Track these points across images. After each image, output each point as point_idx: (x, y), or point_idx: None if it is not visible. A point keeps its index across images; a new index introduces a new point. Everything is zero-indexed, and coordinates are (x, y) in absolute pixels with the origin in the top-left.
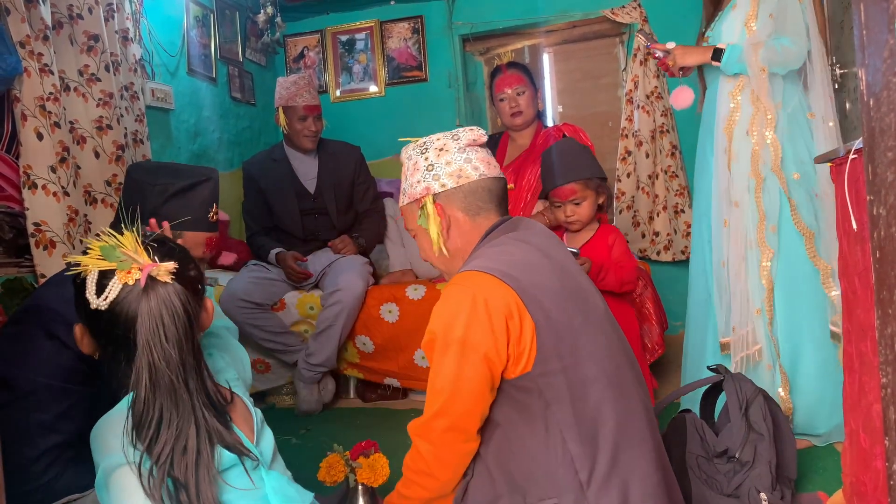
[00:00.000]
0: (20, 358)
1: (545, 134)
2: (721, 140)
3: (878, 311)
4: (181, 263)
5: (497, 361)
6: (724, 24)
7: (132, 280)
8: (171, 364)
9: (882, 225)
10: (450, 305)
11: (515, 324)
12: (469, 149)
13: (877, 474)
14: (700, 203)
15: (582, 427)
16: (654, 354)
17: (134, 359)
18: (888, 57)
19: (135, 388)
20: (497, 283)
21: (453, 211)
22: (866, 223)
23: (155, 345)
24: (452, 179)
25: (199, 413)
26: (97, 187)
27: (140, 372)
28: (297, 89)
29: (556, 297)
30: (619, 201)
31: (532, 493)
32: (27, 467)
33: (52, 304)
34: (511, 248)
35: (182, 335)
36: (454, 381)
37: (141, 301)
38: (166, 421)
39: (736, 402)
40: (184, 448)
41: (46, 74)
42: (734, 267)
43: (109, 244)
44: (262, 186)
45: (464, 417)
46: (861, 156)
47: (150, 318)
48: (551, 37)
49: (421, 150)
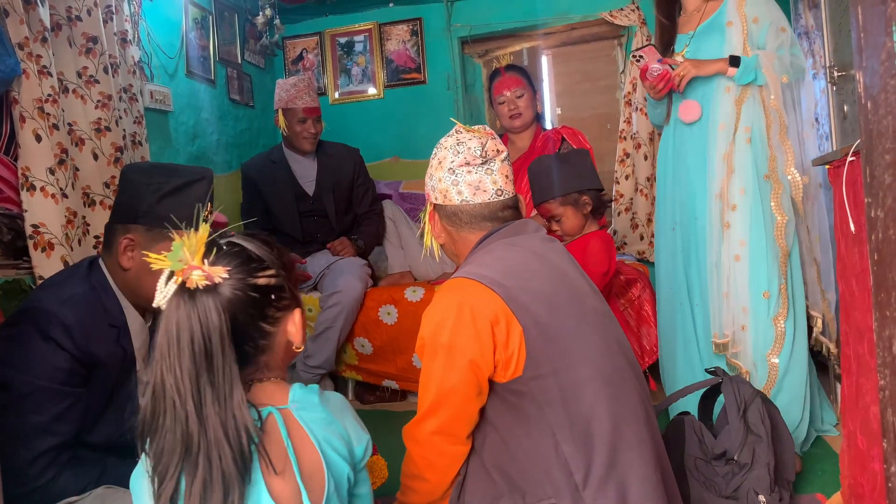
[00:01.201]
0: (16, 360)
1: (544, 136)
2: (721, 146)
3: (876, 313)
4: (247, 269)
5: (483, 366)
6: (709, 41)
7: (178, 281)
8: (181, 389)
9: (880, 227)
10: (437, 312)
11: (502, 330)
12: (460, 169)
13: (874, 476)
14: (667, 212)
15: (576, 429)
16: (652, 356)
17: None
18: (886, 59)
19: (143, 402)
20: (484, 290)
21: (442, 221)
22: (864, 225)
23: (165, 359)
24: (440, 196)
25: (213, 453)
26: (96, 189)
27: (146, 385)
28: (296, 91)
29: (547, 301)
30: (618, 203)
31: (531, 494)
32: (24, 469)
33: (47, 305)
34: (502, 254)
35: (200, 358)
36: (441, 384)
37: (170, 308)
38: (169, 448)
39: (734, 405)
40: (190, 487)
41: (45, 76)
42: (730, 268)
43: (179, 242)
44: (260, 188)
45: (451, 421)
46: (859, 158)
47: (166, 329)
48: (550, 39)
49: (435, 150)
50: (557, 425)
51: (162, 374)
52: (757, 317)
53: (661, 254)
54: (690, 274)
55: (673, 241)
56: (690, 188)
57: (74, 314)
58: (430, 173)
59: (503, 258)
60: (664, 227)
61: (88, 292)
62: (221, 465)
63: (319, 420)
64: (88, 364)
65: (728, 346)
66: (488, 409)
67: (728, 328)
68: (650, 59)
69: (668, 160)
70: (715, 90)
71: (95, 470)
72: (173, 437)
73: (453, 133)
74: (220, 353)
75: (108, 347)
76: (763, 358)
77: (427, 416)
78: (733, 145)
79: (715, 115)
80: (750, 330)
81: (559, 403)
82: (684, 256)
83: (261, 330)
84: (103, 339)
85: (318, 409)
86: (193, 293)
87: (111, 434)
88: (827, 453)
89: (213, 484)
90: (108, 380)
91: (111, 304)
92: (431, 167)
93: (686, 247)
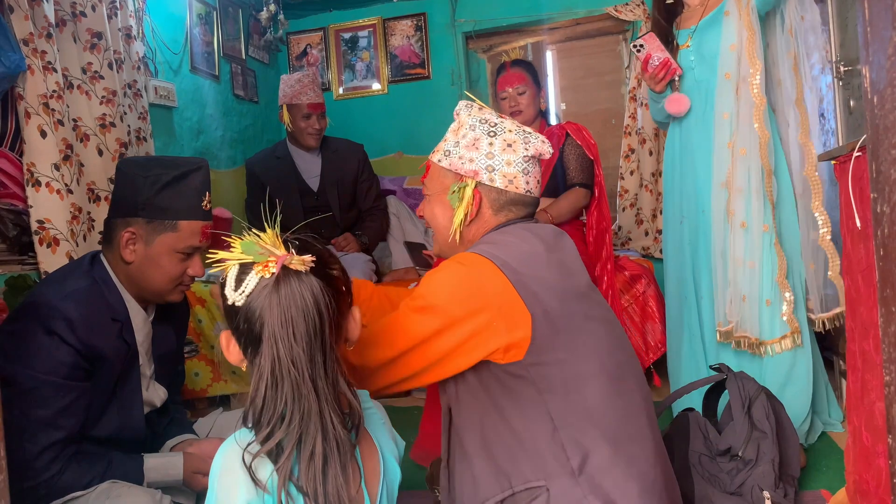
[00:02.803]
0: (19, 355)
1: (548, 132)
2: (724, 134)
3: (882, 308)
4: (323, 260)
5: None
6: (710, 34)
7: (269, 273)
8: (298, 361)
9: (886, 222)
10: (444, 276)
11: (504, 313)
12: (533, 160)
13: (879, 472)
14: (674, 206)
15: (577, 418)
16: (657, 352)
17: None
18: (892, 54)
19: (256, 383)
20: (495, 270)
21: (485, 206)
22: (870, 221)
23: (282, 338)
24: (504, 181)
25: (327, 418)
26: (100, 185)
27: (262, 366)
28: (300, 87)
29: (557, 292)
30: (623, 199)
31: (517, 477)
32: (29, 463)
33: (50, 300)
34: (515, 239)
35: (313, 332)
36: (423, 342)
37: (272, 292)
38: (287, 419)
39: (739, 401)
40: (310, 454)
41: (50, 72)
42: (735, 255)
43: (250, 240)
44: (265, 183)
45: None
46: (865, 153)
47: (279, 309)
48: (554, 34)
49: (489, 129)
50: (556, 412)
51: (278, 351)
52: (762, 299)
53: (668, 248)
54: (698, 268)
55: (680, 234)
56: (697, 181)
57: (77, 308)
58: (493, 152)
59: (515, 243)
60: (672, 220)
61: (91, 287)
62: (336, 433)
63: (378, 421)
64: (92, 358)
65: (732, 333)
66: (480, 387)
67: (733, 315)
68: (651, 48)
69: (675, 154)
70: (718, 80)
71: (101, 464)
72: (293, 411)
73: (506, 119)
74: (328, 326)
75: (110, 341)
76: (770, 338)
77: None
78: (737, 134)
79: (719, 106)
80: (755, 312)
81: (561, 392)
82: (692, 250)
83: (334, 321)
84: (106, 334)
85: (374, 410)
86: (288, 279)
87: (115, 428)
88: (832, 449)
89: (332, 452)
90: (112, 374)
91: (113, 298)
92: (491, 144)
93: (693, 240)
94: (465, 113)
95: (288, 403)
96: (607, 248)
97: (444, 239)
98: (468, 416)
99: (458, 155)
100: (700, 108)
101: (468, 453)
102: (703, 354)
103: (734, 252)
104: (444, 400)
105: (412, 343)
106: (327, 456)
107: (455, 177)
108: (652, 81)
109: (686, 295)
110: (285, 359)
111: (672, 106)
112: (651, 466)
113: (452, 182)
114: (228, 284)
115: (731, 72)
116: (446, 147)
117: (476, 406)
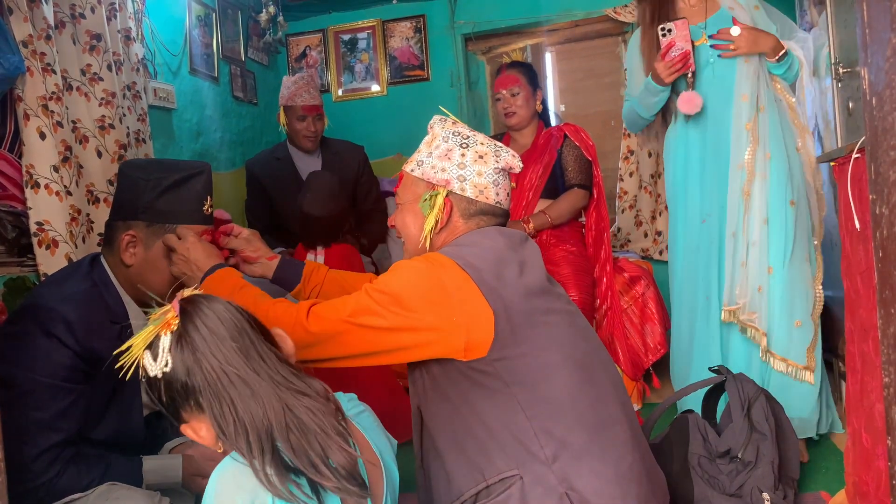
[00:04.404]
0: (18, 357)
1: (546, 134)
2: (744, 116)
3: (881, 310)
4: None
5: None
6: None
7: (175, 324)
8: (233, 361)
9: (885, 224)
10: (408, 270)
11: (465, 311)
12: (503, 172)
13: (879, 474)
14: (693, 205)
15: (546, 408)
16: (656, 354)
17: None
18: (891, 56)
19: (218, 412)
20: (456, 268)
21: (456, 214)
22: (869, 222)
23: (209, 352)
24: (475, 191)
25: (292, 402)
26: (100, 187)
27: (211, 392)
28: (296, 89)
29: (517, 288)
30: (622, 200)
31: (490, 470)
32: (27, 465)
33: (49, 302)
34: (479, 237)
35: (237, 332)
36: (378, 328)
37: (185, 331)
38: (243, 407)
39: (738, 403)
40: (299, 429)
41: (49, 74)
42: (749, 236)
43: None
44: (264, 185)
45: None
46: (864, 155)
47: (198, 335)
48: (553, 36)
49: (461, 141)
50: (526, 402)
51: (211, 363)
52: (775, 281)
53: (678, 250)
54: (724, 266)
55: (699, 234)
56: (724, 178)
57: (76, 311)
58: (464, 163)
59: (479, 242)
60: (689, 221)
61: (90, 289)
62: (309, 405)
63: (371, 424)
64: (91, 361)
65: (739, 313)
66: (448, 385)
67: (742, 296)
68: (677, 36)
69: (691, 155)
70: (737, 62)
71: (99, 467)
72: (266, 410)
73: (478, 133)
74: (248, 324)
75: (110, 344)
76: (780, 323)
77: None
78: (757, 116)
79: (739, 88)
80: (767, 294)
81: (528, 384)
82: (718, 247)
83: (255, 324)
84: (105, 336)
85: (367, 413)
86: (196, 303)
87: (114, 430)
88: (831, 451)
89: (322, 425)
90: (111, 376)
91: (113, 300)
92: (463, 156)
93: (721, 237)
94: (438, 126)
95: (252, 407)
96: (606, 249)
97: (415, 247)
98: (438, 414)
99: (430, 165)
100: (723, 101)
101: (441, 451)
102: (720, 352)
103: (747, 235)
104: (415, 401)
105: (367, 324)
106: (301, 417)
107: (427, 185)
108: (665, 70)
109: (708, 295)
110: (220, 365)
111: (685, 105)
112: (628, 451)
113: (424, 191)
114: (148, 365)
115: (751, 57)
116: (419, 157)
117: (445, 404)
